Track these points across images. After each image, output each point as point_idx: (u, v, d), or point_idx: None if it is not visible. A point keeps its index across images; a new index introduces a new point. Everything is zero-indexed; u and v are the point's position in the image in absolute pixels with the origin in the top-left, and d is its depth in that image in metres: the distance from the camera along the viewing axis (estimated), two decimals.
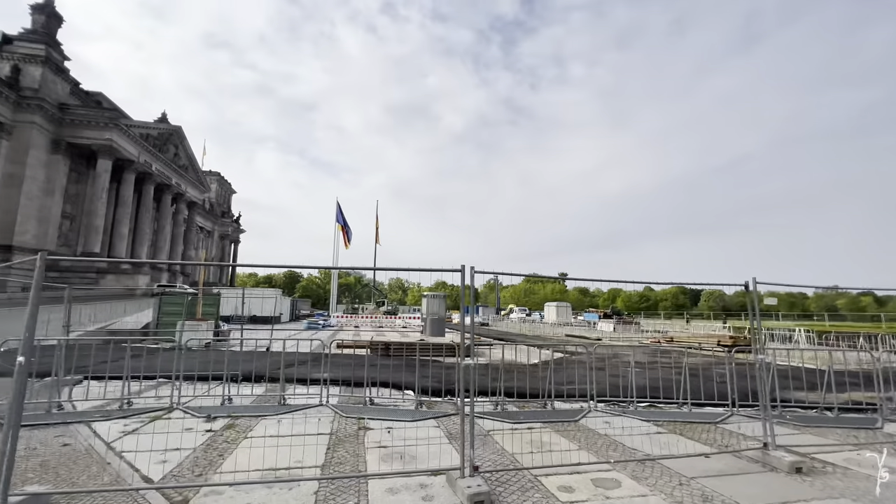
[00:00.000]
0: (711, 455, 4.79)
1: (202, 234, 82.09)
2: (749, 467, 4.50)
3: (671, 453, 4.80)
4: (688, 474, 4.22)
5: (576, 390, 7.32)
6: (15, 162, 38.54)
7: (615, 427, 5.84)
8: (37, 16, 42.73)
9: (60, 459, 4.32)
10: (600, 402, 7.24)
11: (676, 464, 4.47)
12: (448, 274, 4.33)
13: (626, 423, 6.02)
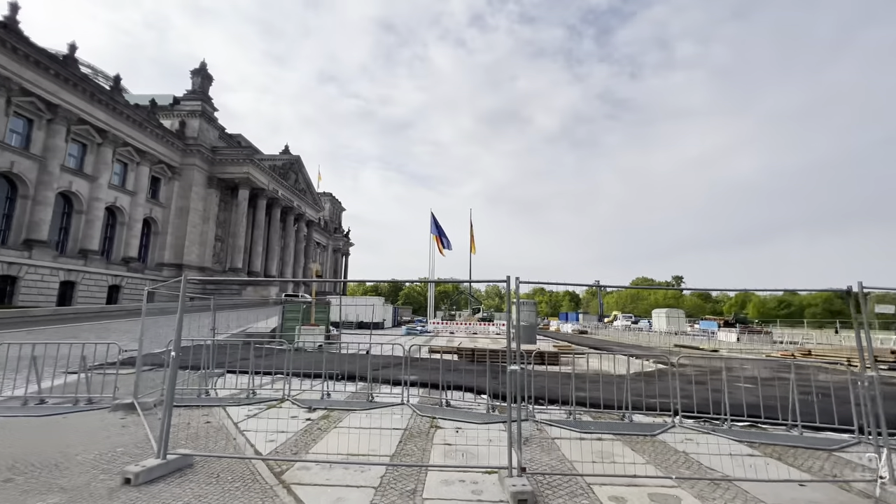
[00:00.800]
0: (808, 483, 4.24)
1: (319, 248, 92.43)
2: (855, 502, 3.90)
3: (757, 477, 4.37)
4: (769, 501, 3.84)
5: (658, 404, 6.89)
6: (183, 197, 48.06)
7: (697, 445, 5.43)
8: (195, 78, 53.01)
9: (203, 432, 5.59)
10: (688, 417, 6.71)
11: (759, 488, 4.08)
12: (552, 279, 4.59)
13: (713, 442, 5.54)
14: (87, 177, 36.54)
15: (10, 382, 7.53)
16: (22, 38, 30.32)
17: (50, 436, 5.29)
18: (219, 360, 9.93)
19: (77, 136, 35.72)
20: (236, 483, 3.94)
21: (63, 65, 33.77)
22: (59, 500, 3.53)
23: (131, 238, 41.54)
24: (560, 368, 12.54)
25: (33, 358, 7.39)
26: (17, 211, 31.43)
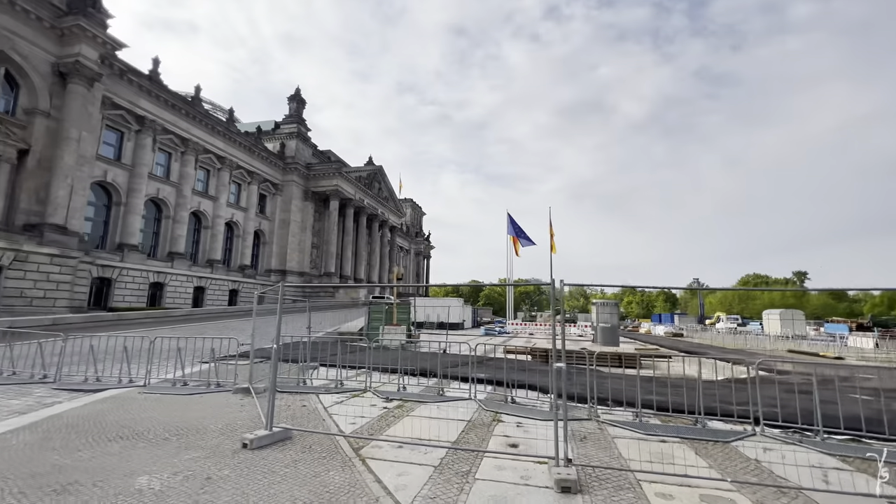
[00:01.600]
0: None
1: (402, 252, 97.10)
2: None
3: (836, 489, 4.08)
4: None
5: (740, 411, 6.49)
6: (284, 210, 54.03)
7: (776, 455, 5.12)
8: (291, 103, 59.28)
9: (300, 413, 6.65)
10: (774, 427, 6.24)
11: (834, 500, 3.83)
12: (635, 280, 4.87)
13: (797, 452, 5.17)
14: (211, 197, 42.96)
15: (163, 368, 9.52)
16: (162, 86, 36.81)
17: (191, 409, 6.73)
18: (313, 355, 11.37)
19: (202, 163, 42.22)
20: (323, 453, 4.76)
21: (192, 105, 40.22)
22: (200, 455, 4.64)
23: (245, 248, 47.82)
24: (639, 372, 12.07)
25: (178, 349, 9.28)
26: (162, 229, 38.16)
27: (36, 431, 5.44)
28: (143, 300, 34.20)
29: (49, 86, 26.60)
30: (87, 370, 9.02)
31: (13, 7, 24.78)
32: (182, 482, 3.94)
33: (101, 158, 31.98)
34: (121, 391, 7.93)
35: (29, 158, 25.37)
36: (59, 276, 25.16)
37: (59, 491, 3.71)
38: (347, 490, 3.80)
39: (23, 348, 10.30)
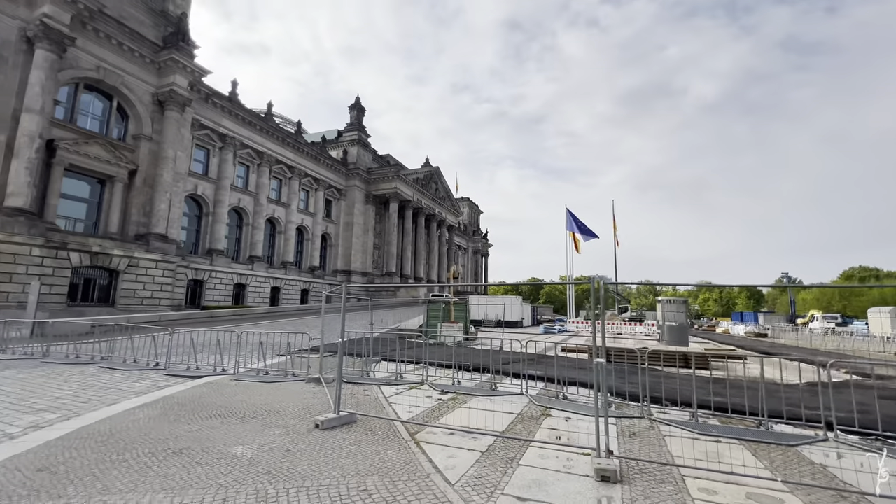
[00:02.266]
0: None
1: (460, 250, 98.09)
2: None
3: None
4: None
5: (812, 415, 6.11)
6: (347, 213, 57.07)
7: (846, 461, 4.83)
8: (352, 112, 62.37)
9: (363, 401, 7.34)
10: (853, 433, 5.80)
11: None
12: (710, 275, 5.01)
13: (873, 459, 4.83)
14: (283, 204, 46.61)
15: (249, 359, 10.81)
16: (240, 106, 40.65)
17: (272, 395, 7.69)
18: (376, 350, 12.21)
19: (275, 173, 45.94)
20: (383, 436, 5.33)
21: (265, 121, 43.95)
22: (281, 432, 5.41)
23: (314, 251, 51.26)
24: (711, 373, 11.49)
25: (260, 343, 10.50)
26: (243, 235, 42.15)
27: (155, 408, 6.60)
28: (228, 299, 38.10)
29: (150, 113, 30.55)
30: (189, 360, 10.51)
31: (121, 47, 28.81)
32: (268, 452, 4.67)
33: (193, 174, 36.08)
34: (216, 378, 9.19)
35: (137, 177, 29.37)
36: (162, 279, 28.88)
37: (177, 453, 4.60)
38: (402, 467, 4.30)
39: (139, 340, 12.21)
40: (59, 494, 3.60)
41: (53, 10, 24.26)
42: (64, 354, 12.00)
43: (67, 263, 23.94)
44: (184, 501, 3.50)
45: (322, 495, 3.64)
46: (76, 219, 27.07)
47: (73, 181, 26.67)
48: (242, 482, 3.89)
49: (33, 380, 8.81)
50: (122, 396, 7.45)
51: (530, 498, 3.68)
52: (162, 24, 32.03)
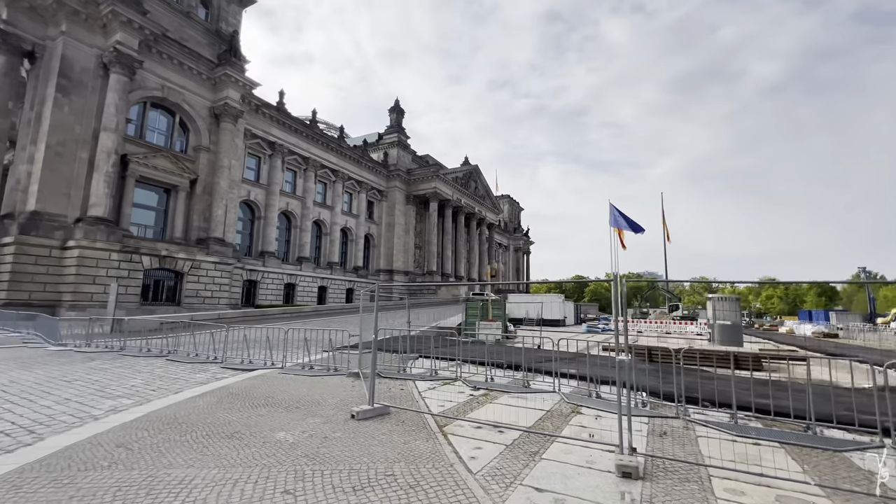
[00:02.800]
0: None
1: (501, 248, 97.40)
2: None
3: None
4: None
5: (858, 419, 5.71)
6: (389, 214, 58.42)
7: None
8: (391, 115, 63.73)
9: (398, 395, 7.67)
10: None
11: None
12: (774, 271, 5.02)
13: None
14: (328, 207, 48.56)
15: (295, 354, 11.53)
16: (288, 115, 42.81)
17: (315, 388, 8.22)
18: (414, 347, 12.59)
19: (320, 177, 47.96)
20: (413, 427, 5.61)
21: (310, 128, 45.99)
22: (320, 421, 5.84)
23: (357, 251, 52.99)
24: (769, 375, 10.84)
25: (305, 340, 11.18)
26: (291, 237, 44.39)
27: (212, 397, 7.29)
28: (280, 298, 40.29)
29: (208, 125, 32.95)
30: (242, 354, 11.39)
31: (182, 66, 31.28)
32: (307, 438, 5.09)
33: (246, 181, 38.50)
34: (265, 371, 9.92)
35: (197, 186, 31.81)
36: (221, 280, 31.10)
37: (229, 436, 5.12)
38: (429, 455, 4.54)
39: (200, 336, 13.35)
40: (133, 466, 4.17)
41: (124, 37, 26.79)
42: (137, 348, 13.37)
43: (140, 266, 26.41)
44: (233, 477, 3.94)
45: (352, 477, 3.96)
46: (146, 225, 29.78)
47: (143, 191, 29.36)
48: (283, 463, 4.30)
49: (113, 370, 9.94)
50: (185, 386, 8.26)
51: (548, 489, 3.79)
52: (216, 43, 34.43)
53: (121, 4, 26.29)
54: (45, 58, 26.42)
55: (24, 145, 25.68)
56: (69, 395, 7.28)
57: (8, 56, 25.76)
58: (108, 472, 4.02)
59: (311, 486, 3.75)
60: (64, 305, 23.18)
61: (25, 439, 4.99)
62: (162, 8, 30.94)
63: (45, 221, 24.16)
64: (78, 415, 6.10)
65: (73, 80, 26.01)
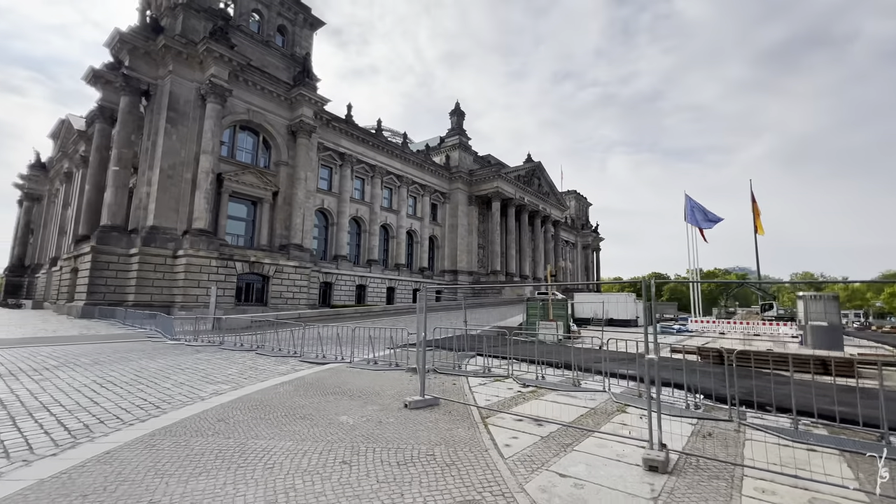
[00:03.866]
0: None
1: (568, 246, 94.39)
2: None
3: None
4: None
5: None
6: (452, 216, 59.57)
7: None
8: (452, 118, 64.85)
9: (449, 388, 8.25)
10: None
11: None
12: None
13: None
14: (394, 211, 50.85)
15: (363, 350, 12.63)
16: (355, 126, 45.65)
17: (377, 380, 9.09)
18: (471, 345, 13.11)
19: (386, 183, 50.38)
20: (458, 417, 6.13)
21: (375, 137, 48.54)
22: (377, 408, 6.60)
23: (422, 253, 54.78)
24: (858, 382, 9.81)
25: (370, 337, 12.21)
26: (361, 241, 47.21)
27: (291, 385, 8.43)
28: (352, 299, 43.07)
29: (286, 142, 36.30)
30: (317, 350, 12.73)
31: (263, 91, 34.81)
32: (365, 422, 5.84)
33: (319, 190, 41.71)
34: (336, 365, 11.05)
35: (278, 198, 35.21)
36: (300, 282, 34.11)
37: (302, 417, 6.04)
38: (467, 441, 5.04)
39: (282, 333, 15.07)
40: (229, 436, 5.18)
41: (217, 70, 30.54)
42: (233, 343, 15.42)
43: (234, 271, 29.95)
44: (303, 448, 4.76)
45: (398, 455, 4.58)
46: (238, 234, 33.61)
47: (234, 204, 33.21)
48: (343, 440, 5.05)
49: (214, 361, 11.71)
50: (270, 376, 9.56)
51: (571, 475, 4.10)
52: (291, 66, 37.80)
53: (213, 42, 30.05)
54: (157, 95, 31.01)
55: (144, 170, 30.38)
56: (182, 380, 8.84)
57: (130, 96, 30.62)
58: (211, 439, 5.05)
59: (364, 460, 4.43)
60: (176, 306, 27.05)
61: (154, 412, 6.32)
62: (246, 40, 34.77)
63: (160, 234, 28.40)
64: (189, 395, 7.47)
65: (178, 111, 30.25)
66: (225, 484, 3.80)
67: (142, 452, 4.60)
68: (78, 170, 43.55)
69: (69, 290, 31.50)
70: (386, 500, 3.53)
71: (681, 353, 14.31)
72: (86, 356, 11.83)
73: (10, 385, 7.98)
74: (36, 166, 58.01)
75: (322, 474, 4.04)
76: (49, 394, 7.35)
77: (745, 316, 35.89)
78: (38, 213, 57.96)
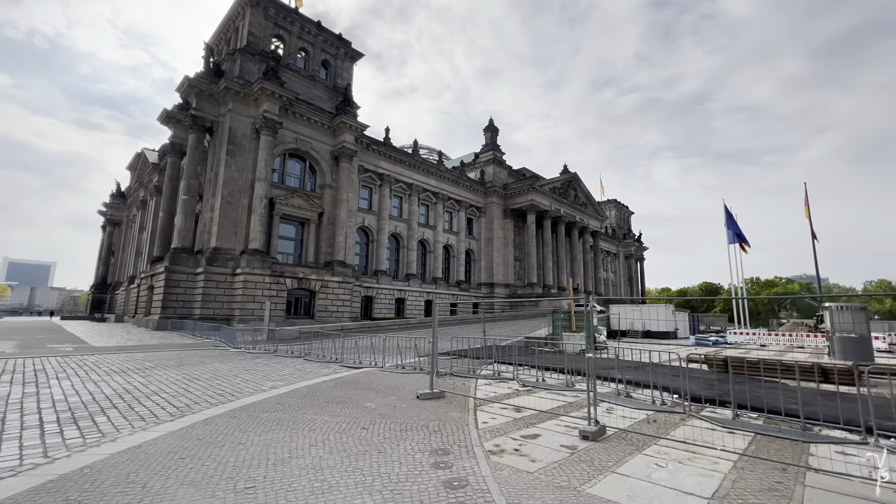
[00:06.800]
0: None
1: (609, 256, 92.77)
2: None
3: None
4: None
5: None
6: (487, 229, 61.09)
7: (853, 457, 5.21)
8: (486, 133, 66.84)
9: (459, 387, 9.89)
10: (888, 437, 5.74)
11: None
12: None
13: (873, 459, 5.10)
14: (431, 227, 53.19)
15: (394, 357, 14.50)
16: (393, 148, 48.69)
17: (400, 380, 10.87)
18: (490, 354, 14.64)
19: (422, 200, 52.93)
20: (456, 405, 7.78)
21: (412, 156, 51.38)
22: (395, 399, 8.38)
23: (459, 266, 56.60)
24: (859, 390, 10.37)
25: (398, 346, 14.07)
26: (400, 256, 49.79)
27: (331, 382, 10.40)
28: (392, 312, 45.50)
29: (329, 166, 39.66)
30: (355, 357, 14.75)
31: (309, 121, 38.41)
32: (383, 406, 7.63)
33: (360, 210, 44.80)
34: (369, 369, 12.98)
35: (323, 218, 38.44)
36: (343, 296, 36.88)
37: (337, 402, 7.93)
38: (456, 419, 6.67)
39: (326, 343, 17.30)
40: (285, 412, 7.13)
41: (269, 106, 34.34)
42: (285, 351, 17.84)
43: (284, 287, 33.14)
44: (336, 420, 6.60)
45: (402, 425, 6.31)
46: (287, 253, 37.02)
47: (284, 225, 36.71)
48: (365, 417, 6.85)
49: (270, 365, 14.00)
50: (315, 376, 11.62)
51: (520, 439, 5.63)
52: (334, 96, 41.41)
53: (266, 81, 33.92)
54: (219, 130, 35.27)
55: (207, 198, 34.52)
56: (247, 378, 11.07)
57: (196, 133, 35.04)
58: (272, 414, 7.02)
59: (377, 427, 6.20)
60: (235, 319, 30.43)
61: (230, 399, 8.44)
62: (294, 76, 38.71)
63: (221, 255, 32.12)
64: (254, 388, 9.61)
65: (236, 144, 34.25)
66: (283, 437, 5.69)
67: (228, 420, 6.63)
68: (152, 198, 49.43)
69: (146, 305, 36.05)
70: (387, 446, 5.27)
71: (696, 363, 15.09)
72: (171, 360, 14.55)
73: (126, 379, 10.53)
74: (116, 195, 65.98)
75: (347, 433, 5.85)
76: (155, 385, 9.76)
77: (792, 327, 34.48)
78: (118, 236, 65.66)
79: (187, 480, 4.19)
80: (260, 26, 37.92)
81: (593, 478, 4.36)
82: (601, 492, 4.02)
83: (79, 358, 14.65)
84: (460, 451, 5.08)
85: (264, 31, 38.18)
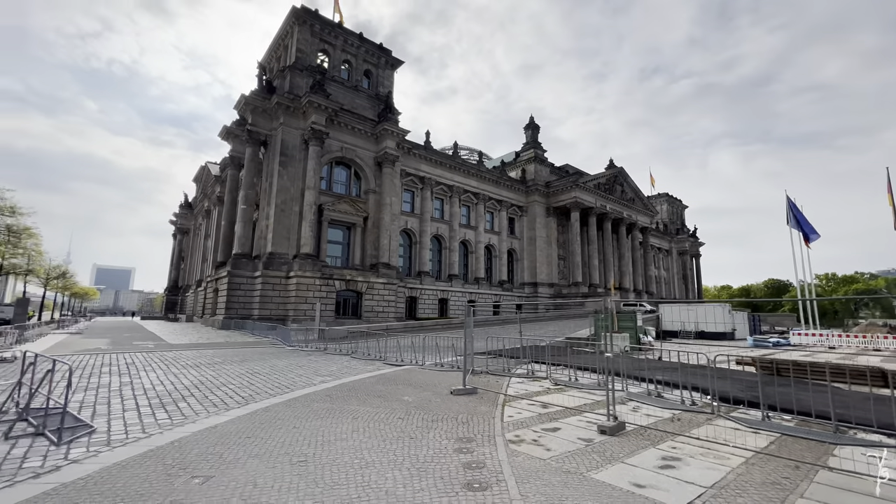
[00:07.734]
0: None
1: (661, 253, 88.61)
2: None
3: None
4: None
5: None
6: (530, 229, 60.64)
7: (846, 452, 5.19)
8: (527, 132, 66.34)
9: (493, 384, 10.40)
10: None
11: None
12: None
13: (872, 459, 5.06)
14: (472, 228, 53.73)
15: (433, 356, 15.25)
16: (434, 151, 49.77)
17: (438, 377, 11.57)
18: (526, 354, 15.00)
19: (463, 201, 53.58)
20: (487, 400, 8.33)
21: (452, 158, 52.20)
22: (431, 394, 9.06)
23: (501, 266, 56.68)
24: (893, 392, 9.77)
25: (436, 345, 14.78)
26: (442, 257, 50.76)
27: (374, 378, 11.30)
28: (435, 312, 46.54)
29: (373, 172, 41.33)
30: (397, 355, 15.67)
31: (354, 130, 40.26)
32: (419, 400, 8.34)
33: (403, 213, 46.22)
34: (410, 367, 13.80)
35: (368, 222, 40.16)
36: (388, 297, 38.34)
37: (378, 396, 8.74)
38: (483, 412, 7.23)
39: (371, 342, 18.40)
40: (332, 403, 8.03)
41: (317, 118, 36.44)
42: (334, 349, 19.17)
43: (333, 289, 35.05)
44: (376, 411, 7.38)
45: (434, 416, 6.96)
46: (336, 256, 39.04)
47: (332, 230, 38.75)
48: (402, 408, 7.59)
49: (320, 362, 15.23)
50: (360, 372, 12.60)
51: (545, 433, 6.09)
52: (376, 104, 43.08)
53: (313, 94, 36.04)
54: (272, 143, 37.89)
55: (263, 206, 37.22)
56: (300, 373, 12.24)
57: (252, 146, 37.87)
58: (321, 404, 7.94)
59: (412, 417, 6.90)
60: (289, 319, 32.64)
61: (286, 391, 9.52)
62: (338, 87, 40.74)
63: (276, 259, 34.55)
64: (306, 382, 10.69)
65: (287, 155, 36.65)
66: (330, 423, 6.54)
67: (285, 408, 7.61)
68: (215, 207, 53.79)
69: (212, 307, 39.45)
70: (418, 433, 5.95)
71: (740, 365, 14.62)
72: (235, 356, 16.20)
73: (200, 372, 12.04)
74: (184, 206, 72.29)
75: (385, 422, 6.60)
76: (224, 378, 11.12)
77: (866, 328, 31.54)
78: (187, 243, 71.90)
79: (253, 454, 5.09)
80: (306, 42, 40.24)
81: (601, 466, 4.77)
82: (605, 478, 4.44)
83: (160, 354, 16.71)
84: (482, 440, 5.65)
85: (310, 47, 40.46)
